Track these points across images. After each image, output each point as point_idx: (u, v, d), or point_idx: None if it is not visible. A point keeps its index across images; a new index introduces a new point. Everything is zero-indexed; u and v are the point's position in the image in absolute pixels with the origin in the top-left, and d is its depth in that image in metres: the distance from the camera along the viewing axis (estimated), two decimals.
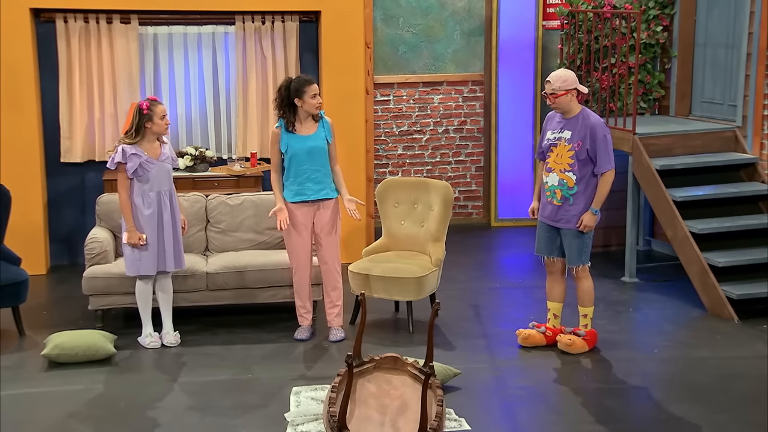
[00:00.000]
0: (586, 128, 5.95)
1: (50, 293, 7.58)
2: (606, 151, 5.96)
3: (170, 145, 6.36)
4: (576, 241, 6.10)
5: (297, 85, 6.16)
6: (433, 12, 9.26)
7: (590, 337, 6.19)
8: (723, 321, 6.80)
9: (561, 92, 5.92)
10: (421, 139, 9.46)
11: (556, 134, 6.06)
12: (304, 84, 6.14)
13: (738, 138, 7.77)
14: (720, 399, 5.50)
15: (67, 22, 8.02)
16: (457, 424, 5.14)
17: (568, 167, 6.01)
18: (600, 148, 5.95)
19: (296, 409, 5.28)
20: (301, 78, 6.21)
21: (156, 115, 6.10)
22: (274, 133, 6.28)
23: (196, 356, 6.17)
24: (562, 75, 5.96)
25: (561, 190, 6.05)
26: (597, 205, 6.06)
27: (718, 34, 8.07)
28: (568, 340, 6.13)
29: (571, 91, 5.93)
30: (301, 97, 6.14)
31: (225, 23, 8.36)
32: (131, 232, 6.15)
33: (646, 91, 8.50)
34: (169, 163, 6.26)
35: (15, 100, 7.81)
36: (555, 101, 5.96)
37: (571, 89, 5.93)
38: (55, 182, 8.26)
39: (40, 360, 6.05)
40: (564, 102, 5.96)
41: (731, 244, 7.19)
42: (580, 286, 6.18)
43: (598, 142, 5.94)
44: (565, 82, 5.92)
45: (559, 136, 6.03)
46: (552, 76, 5.98)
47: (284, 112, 6.20)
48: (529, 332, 6.29)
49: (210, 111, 8.55)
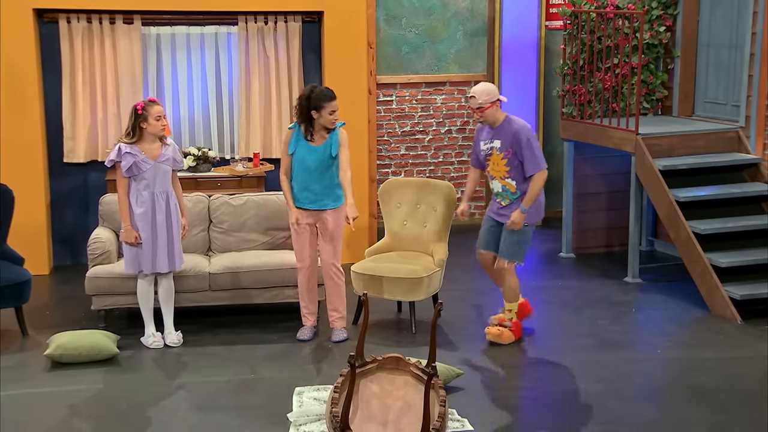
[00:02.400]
0: (511, 135, 6.11)
1: (53, 293, 7.59)
2: (531, 154, 6.09)
3: (175, 147, 6.34)
4: (513, 237, 6.22)
5: (317, 98, 6.11)
6: (435, 12, 9.26)
7: (515, 329, 6.36)
8: (726, 321, 6.80)
9: (487, 105, 6.09)
10: (423, 139, 9.46)
11: (488, 144, 6.22)
12: (323, 99, 6.11)
13: (741, 138, 7.76)
14: (723, 399, 5.50)
15: (70, 22, 8.03)
16: (459, 424, 5.14)
17: (506, 174, 6.19)
18: (525, 152, 6.09)
19: (299, 410, 5.28)
20: (322, 92, 6.14)
21: (150, 116, 6.10)
22: (287, 134, 6.31)
23: (199, 356, 6.17)
24: (486, 88, 6.12)
25: (506, 195, 6.24)
26: (526, 204, 6.15)
27: (721, 35, 8.07)
28: (497, 331, 6.31)
29: (495, 103, 6.11)
30: (319, 111, 6.13)
31: (228, 23, 8.36)
32: (127, 231, 6.19)
33: (649, 92, 8.49)
34: (170, 165, 6.24)
35: (18, 101, 7.82)
36: (483, 114, 6.12)
37: (495, 101, 6.11)
38: (58, 182, 8.27)
39: (43, 360, 6.05)
40: (490, 114, 6.12)
41: (734, 245, 7.19)
42: (506, 281, 6.33)
43: (523, 147, 6.09)
44: (489, 95, 6.09)
45: (491, 146, 6.20)
46: (476, 90, 6.12)
47: (302, 120, 6.20)
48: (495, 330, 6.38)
49: (213, 111, 8.55)
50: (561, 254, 8.58)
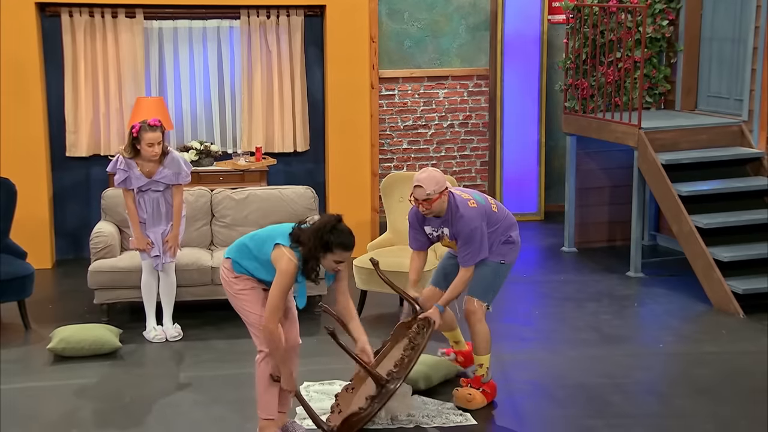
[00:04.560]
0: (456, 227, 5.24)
1: (56, 287, 7.60)
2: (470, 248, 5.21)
3: (178, 161, 6.27)
4: (488, 274, 5.34)
5: (335, 242, 4.59)
6: (438, 6, 9.25)
7: (491, 390, 5.39)
8: (728, 316, 6.79)
9: (436, 196, 5.11)
10: (426, 133, 9.46)
11: (436, 232, 5.34)
12: (340, 247, 4.60)
13: (744, 132, 7.75)
14: (725, 394, 5.50)
15: (72, 16, 8.02)
16: (462, 418, 5.14)
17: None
18: (461, 244, 5.25)
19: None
20: (344, 237, 4.62)
21: (143, 141, 6.13)
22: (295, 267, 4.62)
23: (201, 350, 6.18)
24: (433, 176, 5.14)
25: None
26: (442, 302, 5.30)
27: (725, 29, 8.05)
28: (468, 395, 5.28)
29: (443, 192, 5.15)
30: (326, 256, 4.63)
31: (230, 17, 8.36)
32: (138, 239, 6.27)
33: (651, 86, 8.48)
34: (167, 181, 6.28)
35: (20, 94, 7.82)
36: (430, 207, 5.14)
37: (444, 189, 5.16)
38: (60, 176, 8.27)
39: (46, 354, 6.06)
40: (439, 204, 5.16)
41: (737, 239, 7.18)
42: (477, 329, 5.33)
43: (461, 238, 5.25)
44: (438, 184, 5.12)
45: (440, 232, 5.33)
46: (421, 179, 5.12)
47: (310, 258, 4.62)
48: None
49: (215, 105, 8.55)
50: (563, 248, 8.57)
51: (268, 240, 4.68)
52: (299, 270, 4.60)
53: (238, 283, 4.76)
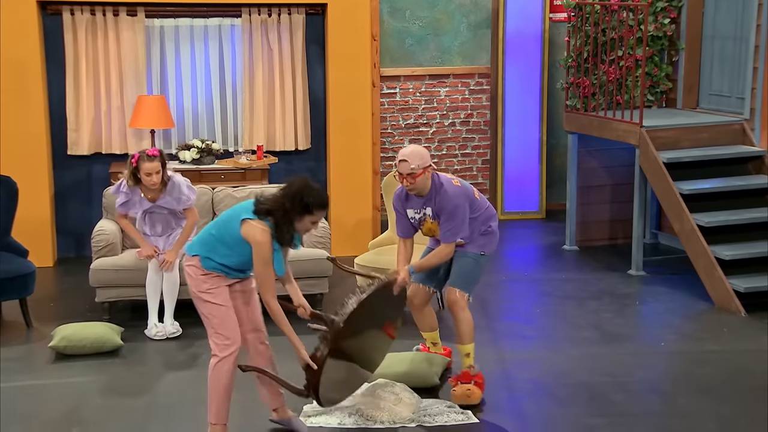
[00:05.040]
0: (440, 203, 5.24)
1: (57, 285, 7.60)
2: (452, 224, 5.22)
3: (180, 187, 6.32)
4: (469, 265, 5.38)
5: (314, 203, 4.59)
6: (439, 4, 9.24)
7: (481, 381, 5.36)
8: (730, 314, 6.79)
9: (420, 171, 5.13)
10: (427, 132, 9.45)
11: (419, 214, 5.35)
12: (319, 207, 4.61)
13: (746, 131, 7.74)
14: (726, 392, 5.50)
15: (73, 14, 8.02)
16: (464, 416, 5.14)
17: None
18: (444, 220, 5.25)
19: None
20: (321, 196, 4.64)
21: (142, 171, 6.19)
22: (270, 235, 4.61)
23: (202, 348, 6.17)
24: (417, 152, 5.16)
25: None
26: (416, 267, 5.32)
27: (726, 27, 8.04)
28: (467, 391, 5.26)
29: (427, 168, 5.17)
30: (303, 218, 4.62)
31: (231, 15, 8.35)
32: (145, 247, 6.36)
33: (653, 84, 8.48)
34: (169, 206, 6.36)
35: (22, 93, 7.82)
36: (414, 182, 5.15)
37: (428, 166, 5.18)
38: (61, 174, 8.28)
39: (48, 352, 6.07)
40: (422, 181, 5.17)
41: (738, 238, 7.18)
42: (460, 318, 5.34)
43: (444, 214, 5.24)
44: (422, 160, 5.14)
45: (423, 213, 5.33)
46: (406, 154, 5.16)
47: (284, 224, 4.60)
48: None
49: (216, 103, 8.55)
50: (564, 247, 8.57)
51: (232, 220, 4.66)
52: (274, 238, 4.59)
53: (207, 281, 4.71)
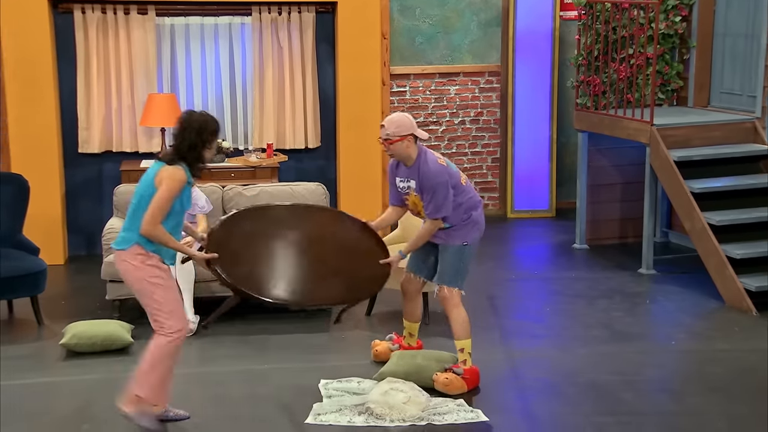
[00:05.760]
0: (422, 177, 5.33)
1: (68, 283, 7.63)
2: (434, 200, 5.29)
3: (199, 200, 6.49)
4: (452, 259, 5.46)
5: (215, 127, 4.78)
6: (449, 3, 9.23)
7: (470, 376, 5.42)
8: (741, 313, 6.77)
9: (395, 138, 5.26)
10: (437, 130, 9.45)
11: (404, 183, 5.45)
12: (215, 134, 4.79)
13: (757, 129, 7.71)
14: (737, 391, 5.48)
15: (84, 12, 8.04)
16: (474, 415, 5.14)
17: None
18: (426, 196, 5.32)
19: (328, 401, 5.27)
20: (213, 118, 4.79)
21: None
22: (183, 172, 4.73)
23: (213, 346, 6.19)
24: (397, 119, 5.30)
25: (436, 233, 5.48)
26: (405, 250, 5.48)
27: (738, 25, 8.01)
28: (445, 379, 5.35)
29: (407, 137, 5.27)
30: (211, 146, 4.79)
31: (242, 14, 8.37)
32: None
33: (664, 82, 8.45)
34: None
35: (33, 91, 7.84)
36: (390, 147, 5.30)
37: (407, 135, 5.27)
38: (72, 173, 8.30)
39: (59, 349, 6.09)
40: (399, 149, 5.29)
41: (749, 236, 7.15)
42: (453, 315, 5.45)
43: (425, 191, 5.33)
44: (399, 128, 5.25)
45: (408, 185, 5.43)
46: (387, 120, 5.34)
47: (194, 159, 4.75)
48: (382, 349, 5.82)
49: (226, 102, 8.56)
50: (575, 245, 8.56)
51: (145, 183, 4.71)
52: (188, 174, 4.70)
53: (152, 270, 4.76)
